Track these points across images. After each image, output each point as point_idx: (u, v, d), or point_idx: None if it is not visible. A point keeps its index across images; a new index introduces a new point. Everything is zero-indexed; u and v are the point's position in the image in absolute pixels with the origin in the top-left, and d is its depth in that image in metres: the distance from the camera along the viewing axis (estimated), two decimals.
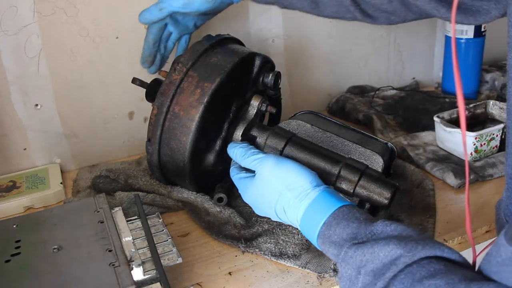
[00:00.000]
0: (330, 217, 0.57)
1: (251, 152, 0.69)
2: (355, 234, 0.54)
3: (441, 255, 0.48)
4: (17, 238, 0.62)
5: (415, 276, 0.46)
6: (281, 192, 0.63)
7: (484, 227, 0.75)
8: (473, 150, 0.90)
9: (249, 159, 0.68)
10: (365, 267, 0.50)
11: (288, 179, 0.63)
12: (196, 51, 0.77)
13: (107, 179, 0.88)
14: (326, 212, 0.58)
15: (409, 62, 1.32)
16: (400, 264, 0.47)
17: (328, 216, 0.57)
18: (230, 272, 0.67)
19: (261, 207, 0.67)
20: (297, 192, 0.62)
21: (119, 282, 0.53)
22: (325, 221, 0.57)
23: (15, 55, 0.87)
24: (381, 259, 0.49)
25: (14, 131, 0.91)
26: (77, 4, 0.88)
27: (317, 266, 0.66)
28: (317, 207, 0.59)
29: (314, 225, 0.58)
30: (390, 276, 0.47)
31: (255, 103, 0.81)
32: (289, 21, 1.10)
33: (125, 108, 0.99)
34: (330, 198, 0.60)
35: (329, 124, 0.85)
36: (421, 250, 0.48)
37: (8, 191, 0.86)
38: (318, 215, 0.58)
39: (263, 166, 0.65)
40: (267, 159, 0.66)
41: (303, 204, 0.60)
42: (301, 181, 0.62)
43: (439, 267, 0.46)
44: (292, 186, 0.62)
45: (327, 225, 0.57)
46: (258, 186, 0.65)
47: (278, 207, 0.63)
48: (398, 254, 0.48)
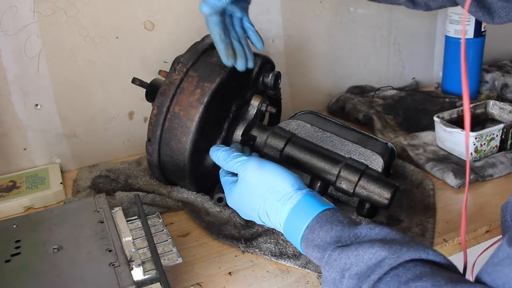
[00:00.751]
0: (313, 220, 0.56)
1: (233, 155, 0.68)
2: (338, 237, 0.53)
3: (426, 257, 0.47)
4: (17, 238, 0.62)
5: (401, 279, 0.45)
6: (264, 195, 0.62)
7: (484, 227, 0.75)
8: (473, 150, 0.90)
9: (232, 162, 0.67)
10: (349, 270, 0.49)
11: (270, 182, 0.62)
12: (196, 51, 0.77)
13: (107, 179, 0.88)
14: (309, 216, 0.57)
15: (409, 62, 1.32)
16: (385, 266, 0.47)
17: (311, 219, 0.57)
18: (230, 272, 0.67)
19: (245, 210, 0.66)
20: (279, 195, 0.61)
21: (119, 282, 0.53)
22: (308, 224, 0.56)
23: (15, 55, 0.87)
24: (365, 261, 0.48)
25: (14, 131, 0.91)
26: (77, 4, 0.88)
27: (317, 266, 0.66)
28: (300, 211, 0.58)
29: (297, 228, 0.57)
30: (375, 279, 0.47)
31: (255, 103, 0.81)
32: (289, 21, 1.10)
33: (125, 108, 0.99)
34: (312, 202, 0.59)
35: (329, 124, 0.85)
36: (406, 252, 0.47)
37: (8, 191, 0.86)
38: (301, 218, 0.57)
39: (245, 169, 0.64)
40: (249, 161, 0.65)
41: (286, 207, 0.59)
42: (283, 184, 0.61)
43: (424, 270, 0.46)
44: (274, 189, 0.61)
45: (310, 229, 0.56)
46: (241, 189, 0.65)
47: (261, 210, 0.63)
48: (382, 257, 0.48)
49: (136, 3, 0.93)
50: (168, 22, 0.97)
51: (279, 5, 1.08)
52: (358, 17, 1.19)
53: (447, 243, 0.72)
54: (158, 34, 0.97)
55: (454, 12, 1.14)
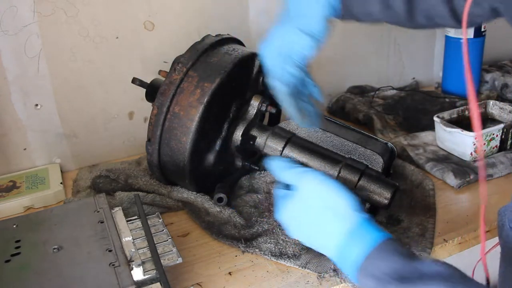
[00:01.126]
0: (372, 248, 0.52)
1: (292, 165, 0.62)
2: (400, 271, 0.50)
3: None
4: (17, 238, 0.62)
5: None
6: (318, 212, 0.56)
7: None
8: (473, 150, 0.90)
9: (290, 172, 0.61)
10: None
11: (327, 198, 0.56)
12: (196, 51, 0.77)
13: (107, 179, 0.88)
14: (368, 243, 0.52)
15: (409, 62, 1.32)
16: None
17: (371, 248, 0.52)
18: (230, 272, 0.67)
19: (293, 227, 0.59)
20: (336, 214, 0.55)
21: (119, 282, 0.53)
22: (367, 253, 0.52)
23: (15, 55, 0.86)
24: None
25: (14, 131, 0.91)
26: (77, 4, 0.88)
27: (317, 266, 0.66)
28: (357, 236, 0.54)
29: (354, 255, 0.53)
30: None
31: (255, 103, 0.81)
32: None
33: (125, 108, 0.99)
34: (371, 228, 0.54)
35: (329, 124, 0.85)
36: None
37: (8, 191, 0.86)
38: (358, 244, 0.53)
39: (303, 181, 0.59)
40: (309, 173, 0.59)
41: (342, 229, 0.54)
42: (341, 203, 0.56)
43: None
44: (331, 207, 0.56)
45: (369, 258, 0.52)
46: (294, 202, 0.59)
47: (312, 229, 0.57)
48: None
49: (136, 3, 0.93)
50: (168, 22, 0.97)
51: (279, 5, 1.07)
52: None
53: (447, 243, 0.72)
54: (158, 34, 0.97)
55: None
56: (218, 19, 1.02)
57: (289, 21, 0.65)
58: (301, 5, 0.65)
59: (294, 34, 0.64)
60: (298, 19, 0.64)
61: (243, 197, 0.82)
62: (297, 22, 0.64)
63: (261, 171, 0.87)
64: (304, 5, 0.65)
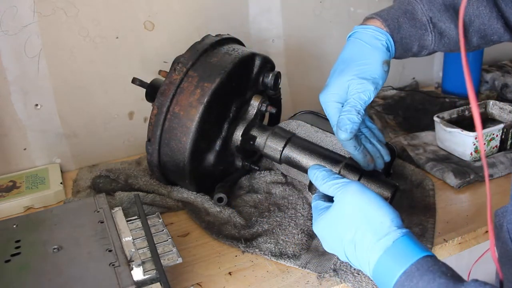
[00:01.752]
0: (412, 266, 0.50)
1: (334, 176, 0.60)
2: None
3: None
4: (17, 238, 0.62)
5: None
6: (357, 225, 0.54)
7: (484, 227, 0.75)
8: (473, 150, 0.90)
9: (331, 183, 0.59)
10: None
11: (368, 211, 0.54)
12: (196, 51, 0.77)
13: (107, 179, 0.88)
14: (408, 260, 0.50)
15: (409, 62, 1.32)
16: None
17: (410, 264, 0.50)
18: (230, 272, 0.67)
19: (330, 239, 0.57)
20: (376, 228, 0.53)
21: (119, 282, 0.53)
22: (406, 269, 0.50)
23: (15, 55, 0.87)
24: None
25: (14, 131, 0.91)
26: (77, 4, 0.88)
27: (317, 266, 0.66)
28: (397, 252, 0.51)
29: (392, 271, 0.50)
30: None
31: (255, 103, 0.81)
32: (289, 21, 1.10)
33: (125, 108, 0.99)
34: (412, 244, 0.52)
35: (329, 124, 0.85)
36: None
37: (8, 191, 0.86)
38: (397, 261, 0.51)
39: (344, 192, 0.57)
40: (351, 185, 0.58)
41: (381, 244, 0.52)
42: (382, 217, 0.53)
43: None
44: (371, 221, 0.54)
45: (408, 275, 0.49)
46: (332, 214, 0.57)
47: (349, 242, 0.55)
48: None
49: (136, 3, 0.93)
50: (168, 22, 0.97)
51: (279, 5, 1.08)
52: (358, 17, 1.18)
53: (447, 243, 0.72)
54: (158, 34, 0.97)
55: None
56: (218, 19, 1.02)
57: (347, 70, 0.66)
58: (359, 53, 0.67)
59: (356, 82, 0.65)
60: (357, 67, 0.66)
61: (243, 197, 0.82)
62: (357, 70, 0.66)
63: (261, 171, 0.87)
64: (362, 53, 0.67)
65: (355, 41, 0.68)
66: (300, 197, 0.81)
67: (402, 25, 0.68)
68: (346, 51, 0.69)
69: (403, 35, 0.68)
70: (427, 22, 0.68)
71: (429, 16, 0.68)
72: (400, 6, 0.70)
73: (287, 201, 0.81)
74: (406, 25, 0.68)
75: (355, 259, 0.54)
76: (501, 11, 0.68)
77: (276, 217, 0.77)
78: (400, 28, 0.68)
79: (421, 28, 0.68)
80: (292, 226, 0.74)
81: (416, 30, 0.69)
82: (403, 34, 0.68)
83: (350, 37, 0.70)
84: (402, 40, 0.68)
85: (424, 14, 0.68)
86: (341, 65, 0.68)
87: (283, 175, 0.87)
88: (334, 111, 0.67)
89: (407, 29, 0.68)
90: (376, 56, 0.66)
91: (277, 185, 0.84)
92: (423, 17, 0.68)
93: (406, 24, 0.68)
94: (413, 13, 0.69)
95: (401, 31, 0.68)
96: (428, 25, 0.68)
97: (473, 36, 0.69)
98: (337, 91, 0.66)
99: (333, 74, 0.68)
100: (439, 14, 0.68)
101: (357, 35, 0.69)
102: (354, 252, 0.54)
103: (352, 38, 0.69)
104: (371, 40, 0.67)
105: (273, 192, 0.83)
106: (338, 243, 0.56)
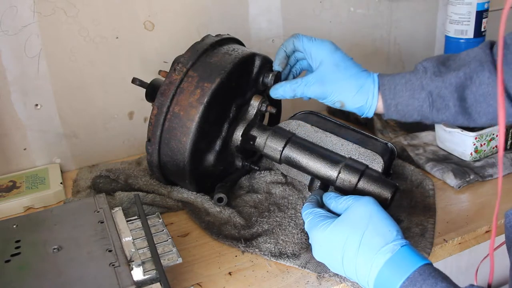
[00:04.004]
0: (415, 272, 0.53)
1: (345, 196, 0.64)
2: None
3: None
4: (17, 238, 0.62)
5: None
6: (367, 228, 0.57)
7: (484, 227, 0.75)
8: (473, 150, 0.90)
9: (343, 198, 0.63)
10: None
11: (379, 219, 0.58)
12: (196, 51, 0.77)
13: (107, 179, 0.88)
14: (411, 266, 0.53)
15: (409, 62, 1.32)
16: None
17: (413, 271, 0.53)
18: (230, 272, 0.67)
19: (328, 245, 0.59)
20: (385, 234, 0.56)
21: (119, 282, 0.53)
22: (409, 275, 0.53)
23: (15, 55, 0.87)
24: None
25: (14, 131, 0.91)
26: (77, 4, 0.88)
27: (317, 266, 0.66)
28: (402, 258, 0.54)
29: (397, 276, 0.53)
30: None
31: (255, 103, 0.81)
32: (289, 21, 1.10)
33: (125, 108, 0.99)
34: (414, 253, 0.55)
35: (329, 124, 0.85)
36: None
37: (8, 191, 0.86)
38: (402, 267, 0.54)
39: (357, 201, 0.61)
40: (364, 197, 0.61)
41: (389, 248, 0.55)
42: (390, 227, 0.57)
43: None
44: (380, 227, 0.57)
45: (411, 280, 0.52)
46: (343, 218, 0.60)
47: (353, 245, 0.57)
48: None
49: (136, 3, 0.93)
50: (168, 22, 0.97)
51: (279, 5, 1.08)
52: (358, 17, 1.19)
53: (447, 243, 0.72)
54: (158, 34, 0.97)
55: (454, 12, 1.14)
56: (218, 19, 1.02)
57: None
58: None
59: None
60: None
61: (243, 197, 0.82)
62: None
63: (261, 171, 0.87)
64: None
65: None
66: (300, 197, 0.81)
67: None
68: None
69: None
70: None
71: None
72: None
73: (287, 201, 0.81)
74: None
75: (353, 264, 0.56)
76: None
77: (276, 217, 0.77)
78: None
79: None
80: (292, 226, 0.74)
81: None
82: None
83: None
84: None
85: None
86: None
87: (283, 175, 0.87)
88: (280, 52, 0.80)
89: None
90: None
91: (277, 185, 0.84)
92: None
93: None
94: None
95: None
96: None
97: (481, 117, 0.71)
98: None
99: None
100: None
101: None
102: (355, 256, 0.56)
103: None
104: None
105: (273, 192, 0.83)
106: (338, 248, 0.58)
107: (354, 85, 0.73)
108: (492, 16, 1.12)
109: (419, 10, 1.27)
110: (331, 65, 0.74)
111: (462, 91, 0.69)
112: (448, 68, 0.70)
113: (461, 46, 1.18)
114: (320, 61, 0.75)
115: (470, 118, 0.71)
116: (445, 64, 0.71)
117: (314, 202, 0.66)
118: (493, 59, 0.68)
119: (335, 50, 0.75)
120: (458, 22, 1.14)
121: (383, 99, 0.73)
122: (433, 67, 0.71)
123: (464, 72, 0.68)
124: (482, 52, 0.69)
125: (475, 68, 0.68)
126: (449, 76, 0.69)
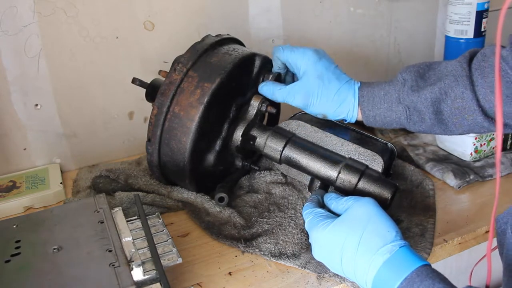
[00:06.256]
0: (413, 273, 0.53)
1: (346, 197, 0.64)
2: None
3: None
4: (17, 238, 0.62)
5: None
6: (366, 228, 0.57)
7: (484, 227, 0.75)
8: (473, 150, 0.90)
9: (344, 198, 0.63)
10: None
11: (378, 220, 0.58)
12: (196, 51, 0.77)
13: (107, 179, 0.88)
14: (409, 267, 0.54)
15: (409, 62, 1.32)
16: None
17: (411, 271, 0.53)
18: (230, 272, 0.67)
19: (328, 244, 0.59)
20: (384, 235, 0.56)
21: (119, 282, 0.53)
22: (406, 276, 0.53)
23: (15, 55, 0.87)
24: None
25: (14, 131, 0.91)
26: (77, 4, 0.88)
27: (317, 266, 0.66)
28: (400, 259, 0.55)
29: (395, 277, 0.54)
30: None
31: (255, 103, 0.81)
32: (289, 21, 1.10)
33: (125, 108, 0.99)
34: (413, 254, 0.55)
35: (329, 124, 0.85)
36: None
37: (8, 191, 0.86)
38: (400, 267, 0.54)
39: (358, 201, 0.61)
40: (365, 198, 0.62)
41: (387, 249, 0.55)
42: (389, 228, 0.57)
43: None
44: (380, 228, 0.57)
45: (409, 281, 0.53)
46: (343, 218, 0.60)
47: (352, 244, 0.57)
48: None
49: (136, 3, 0.93)
50: (168, 22, 0.97)
51: (279, 5, 1.08)
52: (358, 17, 1.19)
53: (447, 243, 0.72)
54: (158, 34, 0.97)
55: (454, 12, 1.14)
56: (218, 19, 1.02)
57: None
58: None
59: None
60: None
61: (243, 197, 0.82)
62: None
63: (261, 171, 0.87)
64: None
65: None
66: (300, 197, 0.81)
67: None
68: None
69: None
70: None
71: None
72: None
73: (287, 201, 0.81)
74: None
75: (352, 264, 0.57)
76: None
77: (276, 217, 0.77)
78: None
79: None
80: (292, 226, 0.74)
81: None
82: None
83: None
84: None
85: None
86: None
87: (283, 175, 0.87)
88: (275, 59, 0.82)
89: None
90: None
91: (277, 185, 0.84)
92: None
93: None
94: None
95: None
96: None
97: (457, 129, 0.72)
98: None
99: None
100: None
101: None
102: (353, 256, 0.56)
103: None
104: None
105: (273, 192, 0.83)
106: (337, 247, 0.58)
107: (336, 100, 0.75)
108: (492, 16, 1.12)
109: (419, 10, 1.27)
110: (314, 78, 0.75)
111: (438, 105, 0.70)
112: (425, 82, 0.72)
113: (461, 46, 1.18)
114: (304, 71, 0.76)
115: (447, 129, 0.72)
116: (423, 77, 0.73)
117: (315, 202, 0.66)
118: (469, 73, 0.69)
119: (318, 60, 0.76)
120: (458, 22, 1.14)
121: (361, 110, 0.74)
122: (412, 80, 0.72)
123: (439, 87, 0.69)
124: (459, 66, 0.70)
125: (450, 83, 0.69)
126: (424, 92, 0.70)
